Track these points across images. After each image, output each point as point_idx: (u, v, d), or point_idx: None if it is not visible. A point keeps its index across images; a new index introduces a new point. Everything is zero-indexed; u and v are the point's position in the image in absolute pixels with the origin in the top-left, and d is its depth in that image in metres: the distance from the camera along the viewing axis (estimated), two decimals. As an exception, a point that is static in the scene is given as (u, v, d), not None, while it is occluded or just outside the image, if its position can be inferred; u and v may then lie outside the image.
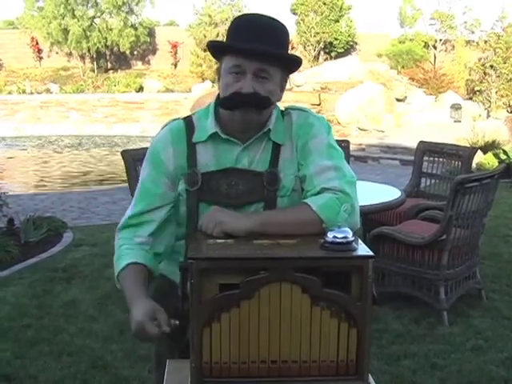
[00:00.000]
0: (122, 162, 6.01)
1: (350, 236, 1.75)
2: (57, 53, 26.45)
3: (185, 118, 2.21)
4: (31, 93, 22.53)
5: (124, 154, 6.06)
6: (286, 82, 2.16)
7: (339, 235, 1.74)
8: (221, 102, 2.06)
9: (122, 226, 2.19)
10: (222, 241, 1.86)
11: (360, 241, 1.82)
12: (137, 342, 4.52)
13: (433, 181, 6.95)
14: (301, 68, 2.22)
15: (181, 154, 2.13)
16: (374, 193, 5.73)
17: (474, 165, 10.95)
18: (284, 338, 1.73)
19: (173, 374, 1.99)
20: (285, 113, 2.19)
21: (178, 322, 1.87)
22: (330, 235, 1.75)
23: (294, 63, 2.12)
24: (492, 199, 5.28)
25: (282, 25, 2.10)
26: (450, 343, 4.61)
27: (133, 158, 5.96)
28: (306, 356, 1.74)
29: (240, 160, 2.11)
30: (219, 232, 1.92)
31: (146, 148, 6.44)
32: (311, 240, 1.84)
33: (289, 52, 2.12)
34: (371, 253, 1.74)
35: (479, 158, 11.97)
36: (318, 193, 2.03)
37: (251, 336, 1.72)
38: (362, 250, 1.76)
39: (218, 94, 2.18)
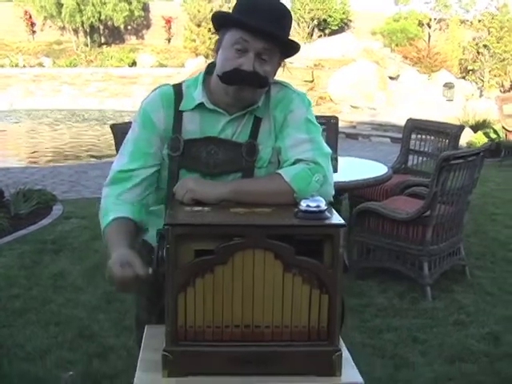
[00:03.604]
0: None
1: (323, 205, 1.79)
2: (50, 26, 26.29)
3: (174, 85, 2.23)
4: (24, 66, 22.43)
5: (113, 127, 6.09)
6: (280, 65, 2.18)
7: (312, 204, 1.78)
8: (220, 75, 2.08)
9: (109, 180, 2.22)
10: (199, 208, 1.90)
11: (333, 210, 1.86)
12: (124, 313, 4.60)
13: (421, 158, 6.99)
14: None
15: (169, 118, 2.17)
16: (361, 169, 5.78)
17: (464, 144, 11.08)
18: (257, 303, 1.77)
19: (150, 338, 2.03)
20: None
21: (150, 271, 1.88)
22: (303, 204, 1.79)
23: (294, 49, 2.15)
24: (477, 177, 5.35)
25: (287, 8, 2.13)
26: (433, 318, 4.69)
27: (122, 132, 5.95)
28: (278, 321, 1.79)
29: (224, 130, 2.15)
30: (189, 199, 1.96)
31: (136, 122, 6.47)
32: (286, 209, 1.88)
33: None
34: (343, 221, 1.78)
35: (470, 136, 12.03)
36: (293, 164, 2.07)
37: (225, 301, 1.76)
38: (335, 218, 1.80)
39: (209, 65, 2.22)
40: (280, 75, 2.23)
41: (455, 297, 5.06)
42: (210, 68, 2.20)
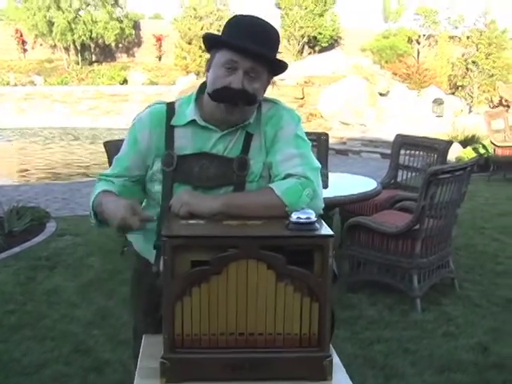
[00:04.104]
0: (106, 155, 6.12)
1: (313, 217, 1.88)
2: (41, 45, 26.42)
3: (168, 103, 2.34)
4: (15, 85, 22.52)
5: (106, 144, 6.19)
6: (269, 83, 2.28)
7: (303, 216, 1.87)
8: (211, 93, 2.18)
9: (98, 179, 2.41)
10: (194, 221, 1.99)
11: (323, 221, 1.95)
12: (119, 328, 4.68)
13: (410, 173, 7.10)
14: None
15: (157, 137, 2.27)
16: (352, 184, 5.88)
17: (453, 159, 11.20)
18: (250, 311, 1.85)
19: (148, 347, 2.11)
20: None
21: (154, 218, 2.11)
22: (294, 216, 1.88)
23: (281, 68, 2.26)
24: (465, 191, 5.44)
25: (275, 30, 2.25)
26: (422, 329, 4.76)
27: (115, 149, 6.06)
28: (271, 329, 1.87)
29: (216, 146, 2.25)
30: (185, 212, 2.05)
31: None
32: (277, 221, 1.97)
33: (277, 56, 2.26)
34: (332, 232, 1.86)
35: (459, 152, 12.16)
36: (283, 178, 2.16)
37: (220, 309, 1.84)
38: (324, 229, 1.89)
39: (202, 84, 2.32)
40: (269, 92, 2.32)
41: (444, 309, 5.14)
42: (203, 87, 2.30)
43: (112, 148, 6.09)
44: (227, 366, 1.86)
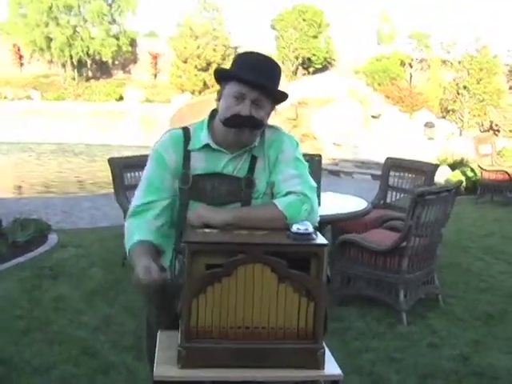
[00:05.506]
0: (102, 171, 6.44)
1: (310, 228, 2.22)
2: (38, 60, 26.74)
3: (183, 128, 2.68)
4: (12, 99, 22.80)
5: (111, 161, 6.50)
6: (272, 110, 2.63)
7: (301, 227, 2.21)
8: (223, 121, 2.53)
9: (130, 213, 2.65)
10: (209, 230, 2.32)
11: (318, 233, 2.27)
12: (122, 334, 4.97)
13: (399, 194, 7.43)
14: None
15: (178, 157, 2.60)
16: (343, 203, 6.19)
17: (442, 181, 11.51)
18: (256, 308, 2.17)
19: (163, 341, 2.41)
20: None
21: (168, 276, 2.38)
22: (294, 227, 2.23)
23: (283, 98, 2.61)
24: (450, 211, 5.76)
25: (277, 64, 2.64)
26: (408, 340, 5.06)
27: (119, 166, 6.40)
28: (273, 323, 2.19)
29: (226, 167, 2.60)
30: (201, 224, 2.39)
31: (131, 157, 6.86)
32: (279, 232, 2.31)
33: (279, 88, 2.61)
34: (326, 242, 2.20)
35: (447, 174, 12.50)
36: (285, 195, 2.51)
37: (229, 306, 2.16)
38: (320, 239, 2.22)
39: (213, 110, 2.68)
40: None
41: (429, 322, 5.44)
42: (214, 113, 2.65)
43: (116, 165, 6.42)
44: (235, 355, 2.18)
